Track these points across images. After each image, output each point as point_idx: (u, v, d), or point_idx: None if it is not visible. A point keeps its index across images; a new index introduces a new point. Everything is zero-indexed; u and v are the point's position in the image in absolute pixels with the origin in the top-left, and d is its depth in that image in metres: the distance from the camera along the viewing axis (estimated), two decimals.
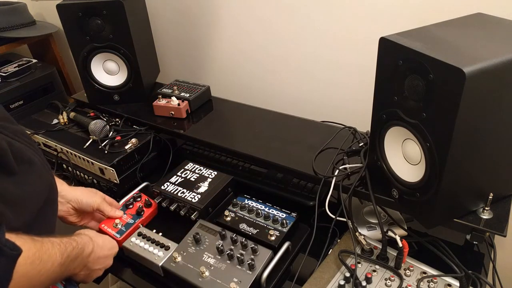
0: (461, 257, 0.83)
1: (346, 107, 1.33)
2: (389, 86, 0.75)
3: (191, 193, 1.01)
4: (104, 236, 0.88)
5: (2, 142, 0.59)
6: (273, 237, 0.89)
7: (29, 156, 0.67)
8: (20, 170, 0.63)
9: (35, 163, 0.69)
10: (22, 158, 0.65)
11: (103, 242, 0.85)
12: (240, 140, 1.14)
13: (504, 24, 0.75)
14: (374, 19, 1.14)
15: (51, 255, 0.62)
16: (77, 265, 0.74)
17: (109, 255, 0.86)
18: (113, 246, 0.89)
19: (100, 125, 1.23)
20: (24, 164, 0.65)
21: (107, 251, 0.85)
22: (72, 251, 0.69)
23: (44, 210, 0.70)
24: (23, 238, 0.57)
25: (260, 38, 1.39)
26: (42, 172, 0.71)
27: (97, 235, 0.84)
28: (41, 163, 0.71)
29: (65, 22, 1.25)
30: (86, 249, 0.76)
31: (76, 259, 0.71)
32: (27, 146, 0.69)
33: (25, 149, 0.67)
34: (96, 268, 0.82)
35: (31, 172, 0.67)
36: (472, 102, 0.62)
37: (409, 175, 0.80)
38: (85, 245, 0.76)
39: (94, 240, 0.81)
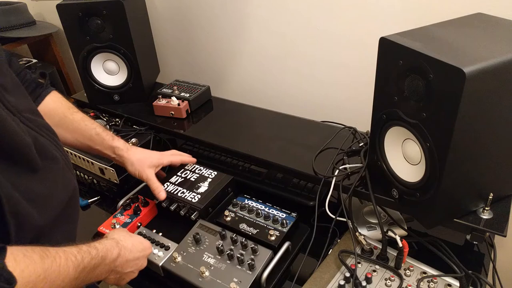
0: (461, 257, 0.83)
1: (346, 107, 1.33)
2: (389, 86, 0.75)
3: (191, 193, 1.01)
4: (135, 238, 0.82)
5: (26, 137, 0.58)
6: (273, 237, 0.89)
7: (52, 152, 0.66)
8: (44, 166, 0.62)
9: (58, 160, 0.67)
10: (46, 154, 0.64)
11: (133, 244, 0.79)
12: (240, 140, 1.14)
13: (504, 24, 0.75)
14: (374, 19, 1.14)
15: (62, 272, 0.58)
16: (100, 273, 0.69)
17: (140, 256, 0.81)
18: (145, 247, 0.83)
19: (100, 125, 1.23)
20: (48, 160, 0.64)
21: (137, 253, 0.79)
22: (90, 261, 0.64)
23: (68, 206, 0.69)
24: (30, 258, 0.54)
25: (260, 38, 1.39)
26: (65, 168, 0.70)
27: (126, 237, 0.79)
28: (63, 160, 0.70)
29: (65, 22, 1.25)
30: (110, 256, 0.71)
31: (95, 269, 0.66)
32: (50, 141, 0.67)
33: (49, 145, 0.66)
34: (127, 271, 0.77)
35: (54, 169, 0.66)
36: (472, 102, 0.62)
37: (409, 175, 0.80)
38: (107, 251, 0.71)
39: (121, 244, 0.76)
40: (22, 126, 0.61)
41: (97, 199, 1.17)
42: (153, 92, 1.40)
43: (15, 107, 0.61)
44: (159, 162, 1.03)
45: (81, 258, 0.62)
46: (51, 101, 0.90)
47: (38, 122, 0.67)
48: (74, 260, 0.61)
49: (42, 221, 0.61)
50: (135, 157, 0.99)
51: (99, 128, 0.97)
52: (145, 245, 0.83)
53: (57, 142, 0.70)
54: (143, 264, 0.83)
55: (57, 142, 0.70)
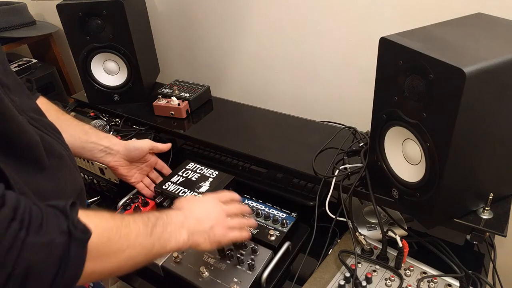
0: (461, 257, 0.83)
1: (346, 107, 1.33)
2: (389, 86, 0.75)
3: (193, 192, 1.01)
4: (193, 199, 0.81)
5: (34, 135, 0.59)
6: (273, 237, 0.89)
7: (59, 151, 0.66)
8: (51, 165, 0.62)
9: (65, 159, 0.68)
10: (53, 152, 0.64)
11: (191, 202, 0.77)
12: (240, 140, 1.14)
13: (504, 24, 0.75)
14: (374, 19, 1.14)
15: (133, 228, 0.60)
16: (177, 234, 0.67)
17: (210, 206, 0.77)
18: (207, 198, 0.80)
19: (100, 125, 1.23)
20: (55, 158, 0.64)
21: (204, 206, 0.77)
22: (156, 220, 0.65)
23: None
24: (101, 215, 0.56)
25: (260, 38, 1.39)
26: (72, 167, 0.70)
27: (182, 203, 0.77)
28: (70, 159, 0.70)
29: (65, 22, 1.25)
30: (176, 215, 0.70)
31: (167, 227, 0.66)
32: (56, 140, 0.68)
33: (55, 144, 0.66)
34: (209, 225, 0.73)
35: (62, 167, 0.66)
36: (472, 102, 0.62)
37: (409, 175, 0.80)
38: (171, 213, 0.70)
39: (179, 206, 0.75)
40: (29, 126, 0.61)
41: (97, 199, 1.17)
42: (153, 92, 1.40)
43: (20, 107, 0.61)
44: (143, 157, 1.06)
45: (147, 218, 0.64)
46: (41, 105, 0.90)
47: (43, 121, 0.67)
48: (141, 219, 0.63)
49: None
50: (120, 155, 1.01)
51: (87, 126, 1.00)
52: (205, 199, 0.80)
53: (62, 141, 0.70)
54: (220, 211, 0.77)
55: (62, 141, 0.70)
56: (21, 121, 0.56)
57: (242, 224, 0.80)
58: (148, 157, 1.06)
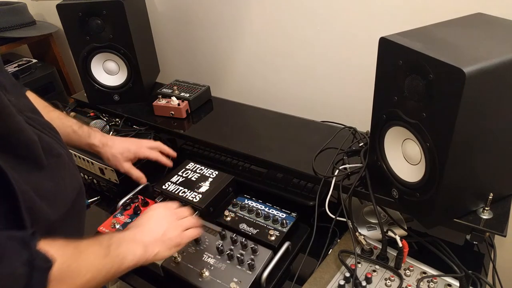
0: (461, 257, 0.83)
1: (346, 107, 1.33)
2: (389, 86, 0.75)
3: (192, 192, 1.01)
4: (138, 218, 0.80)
5: (32, 134, 0.59)
6: (273, 237, 0.89)
7: (57, 150, 0.67)
8: (50, 164, 0.62)
9: (63, 157, 0.68)
10: (51, 151, 0.64)
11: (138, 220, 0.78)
12: (240, 140, 1.14)
13: (504, 24, 0.75)
14: (374, 19, 1.14)
15: (89, 252, 0.60)
16: (132, 250, 0.68)
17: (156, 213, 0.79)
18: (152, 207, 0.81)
19: (100, 125, 1.23)
20: (53, 157, 0.65)
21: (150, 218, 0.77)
22: (110, 239, 0.66)
23: (76, 203, 0.70)
24: (57, 243, 0.56)
25: (260, 38, 1.39)
26: (70, 165, 0.71)
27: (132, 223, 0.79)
28: (68, 157, 0.71)
29: (65, 22, 1.25)
30: (126, 234, 0.71)
31: (120, 245, 0.66)
32: (54, 139, 0.68)
33: (53, 143, 0.67)
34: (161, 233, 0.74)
35: (60, 166, 0.67)
36: (472, 102, 0.62)
37: (409, 175, 0.80)
38: (119, 233, 0.72)
39: (128, 226, 0.76)
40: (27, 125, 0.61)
41: (97, 199, 1.17)
42: (153, 92, 1.40)
43: (17, 107, 0.61)
44: (136, 155, 1.06)
45: (99, 240, 0.65)
46: None
47: (40, 121, 0.67)
48: (95, 241, 0.64)
49: (54, 216, 0.62)
50: (110, 152, 1.03)
51: (75, 126, 0.99)
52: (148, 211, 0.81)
53: (60, 140, 0.71)
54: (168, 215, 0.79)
55: (60, 140, 0.71)
56: (19, 120, 0.57)
57: (194, 223, 0.82)
58: None
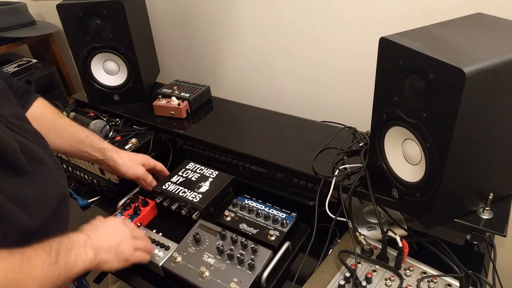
0: (461, 257, 0.83)
1: (346, 107, 1.33)
2: (389, 86, 0.75)
3: (193, 192, 1.01)
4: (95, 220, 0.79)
5: (11, 141, 0.58)
6: (273, 237, 0.89)
7: (41, 156, 0.66)
8: (32, 170, 0.62)
9: (46, 163, 0.67)
10: (34, 157, 0.64)
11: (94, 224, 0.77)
12: (240, 140, 1.14)
13: (504, 24, 0.75)
14: (374, 19, 1.14)
15: (36, 262, 0.58)
16: (82, 255, 0.67)
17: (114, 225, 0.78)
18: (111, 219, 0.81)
19: (100, 125, 1.23)
20: (36, 163, 0.64)
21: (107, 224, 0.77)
22: (59, 246, 0.64)
23: (58, 210, 0.69)
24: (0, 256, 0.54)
25: (260, 38, 1.39)
26: (55, 172, 0.70)
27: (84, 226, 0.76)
28: (53, 164, 0.70)
29: (65, 22, 1.25)
30: (77, 237, 0.69)
31: (70, 251, 0.65)
32: (39, 145, 0.67)
33: (37, 149, 0.66)
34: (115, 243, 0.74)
35: (43, 172, 0.66)
36: (472, 102, 0.62)
37: (409, 175, 0.80)
38: (72, 236, 0.69)
39: (82, 229, 0.74)
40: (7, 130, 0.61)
41: (97, 199, 1.17)
42: (153, 92, 1.40)
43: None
44: (147, 162, 1.06)
45: (49, 247, 0.62)
46: (38, 108, 0.90)
47: (24, 127, 0.67)
48: (43, 249, 0.61)
49: (31, 224, 0.61)
50: (127, 158, 1.02)
51: (87, 131, 0.99)
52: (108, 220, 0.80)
53: (45, 146, 0.70)
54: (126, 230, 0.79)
55: (45, 146, 0.70)
56: None
57: (147, 247, 0.83)
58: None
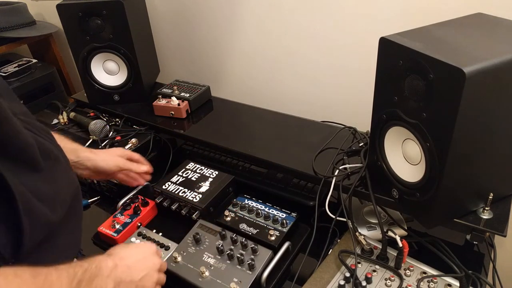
0: (461, 257, 0.83)
1: (346, 107, 1.33)
2: (389, 86, 0.75)
3: (193, 192, 1.01)
4: (128, 245, 0.78)
5: (28, 137, 0.59)
6: (273, 237, 0.89)
7: (54, 153, 0.66)
8: (46, 166, 0.62)
9: (60, 160, 0.68)
10: (48, 154, 0.64)
11: (126, 250, 0.74)
12: (240, 140, 1.14)
13: (504, 24, 0.75)
14: (373, 19, 1.14)
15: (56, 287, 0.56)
16: (102, 285, 0.64)
17: (143, 257, 0.75)
18: (142, 246, 0.78)
19: (100, 125, 1.23)
20: (50, 160, 0.64)
21: (137, 255, 0.74)
22: (84, 273, 0.61)
23: (73, 205, 0.69)
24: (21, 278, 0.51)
25: (260, 39, 1.39)
26: (67, 168, 0.70)
27: (117, 248, 0.75)
28: (64, 160, 0.70)
29: (65, 22, 1.25)
30: (104, 265, 0.66)
31: (93, 280, 0.62)
32: (50, 142, 0.68)
33: (49, 146, 0.66)
34: (140, 277, 0.71)
35: (57, 168, 0.66)
36: (472, 102, 0.62)
37: (409, 175, 0.80)
38: (100, 262, 0.66)
39: (113, 253, 0.72)
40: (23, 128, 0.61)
41: (97, 199, 1.17)
42: (153, 92, 1.40)
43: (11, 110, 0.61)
44: (123, 153, 1.05)
45: (73, 272, 0.59)
46: None
47: (34, 124, 0.67)
48: (67, 275, 0.58)
49: (55, 217, 0.62)
50: (102, 153, 1.01)
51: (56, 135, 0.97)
52: (142, 246, 0.79)
53: (55, 143, 0.70)
54: (156, 263, 0.76)
55: (55, 143, 0.70)
56: (16, 122, 0.56)
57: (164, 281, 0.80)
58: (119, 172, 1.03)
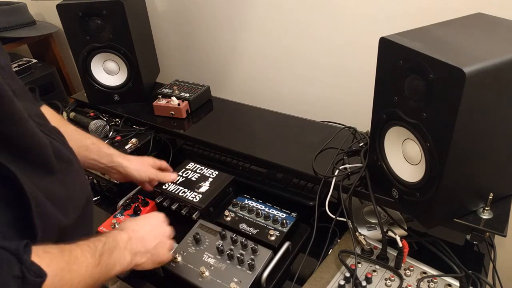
0: (461, 257, 0.83)
1: (346, 107, 1.33)
2: (389, 86, 0.75)
3: (192, 192, 1.01)
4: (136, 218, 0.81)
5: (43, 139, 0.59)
6: (273, 237, 0.89)
7: (67, 155, 0.66)
8: (60, 169, 0.62)
9: (72, 162, 0.68)
10: (62, 156, 0.64)
11: (137, 221, 0.78)
12: (240, 140, 1.14)
13: (504, 24, 0.75)
14: (373, 19, 1.14)
15: (82, 261, 0.59)
16: (120, 257, 0.68)
17: (154, 224, 0.79)
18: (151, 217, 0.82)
19: (100, 125, 1.23)
20: (63, 163, 0.64)
21: (148, 225, 0.78)
22: (103, 246, 0.65)
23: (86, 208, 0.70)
24: (51, 253, 0.54)
25: (260, 39, 1.39)
26: (79, 171, 0.70)
27: (125, 222, 0.78)
28: (77, 163, 0.70)
29: (65, 22, 1.25)
30: (120, 238, 0.70)
31: (112, 252, 0.66)
32: (63, 145, 0.67)
33: (63, 148, 0.66)
34: (153, 245, 0.75)
35: (70, 171, 0.66)
36: (472, 102, 0.62)
37: (409, 175, 0.80)
38: (116, 235, 0.70)
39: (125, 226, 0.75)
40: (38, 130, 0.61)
41: (97, 199, 1.17)
42: (153, 92, 1.40)
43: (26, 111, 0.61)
44: (154, 162, 1.06)
45: (94, 246, 0.63)
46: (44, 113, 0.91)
47: (48, 126, 0.67)
48: (88, 249, 0.62)
49: (67, 221, 0.62)
50: (136, 162, 1.02)
51: (93, 138, 0.99)
52: (150, 216, 0.82)
53: (68, 146, 0.70)
54: (166, 230, 0.81)
55: (68, 146, 0.70)
56: (31, 125, 0.56)
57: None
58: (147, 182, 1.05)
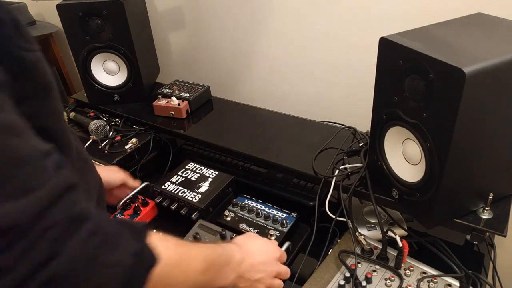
0: (461, 257, 0.83)
1: (346, 107, 1.33)
2: (389, 86, 0.75)
3: (192, 192, 1.01)
4: (259, 240, 0.77)
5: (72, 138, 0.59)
6: (273, 237, 0.89)
7: (84, 154, 0.67)
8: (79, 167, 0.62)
9: (88, 161, 0.69)
10: (79, 155, 0.64)
11: (256, 247, 0.75)
12: (240, 140, 1.14)
13: (504, 24, 0.75)
14: (374, 20, 1.14)
15: (193, 262, 0.58)
16: (226, 275, 0.65)
17: (267, 260, 0.74)
18: (270, 249, 0.77)
19: (100, 125, 1.23)
20: (81, 161, 0.64)
21: (262, 257, 0.74)
22: (218, 257, 0.63)
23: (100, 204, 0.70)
24: (167, 242, 0.54)
25: (260, 38, 1.39)
26: (93, 169, 0.71)
27: (246, 241, 0.75)
28: (91, 162, 0.71)
29: (65, 22, 1.24)
30: (234, 258, 0.67)
31: (222, 268, 0.64)
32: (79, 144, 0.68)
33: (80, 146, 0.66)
34: (256, 277, 0.71)
35: (87, 169, 0.67)
36: (472, 102, 0.62)
37: (409, 175, 0.80)
38: (232, 252, 0.68)
39: (244, 248, 0.72)
40: None
41: None
42: (153, 92, 1.40)
43: None
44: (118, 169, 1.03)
45: (210, 252, 0.62)
46: None
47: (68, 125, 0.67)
48: (204, 255, 0.60)
49: None
50: (102, 168, 1.01)
51: None
52: (270, 247, 0.77)
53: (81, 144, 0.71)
54: (273, 269, 0.75)
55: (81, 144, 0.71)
56: (65, 124, 0.57)
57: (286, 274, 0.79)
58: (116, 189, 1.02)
